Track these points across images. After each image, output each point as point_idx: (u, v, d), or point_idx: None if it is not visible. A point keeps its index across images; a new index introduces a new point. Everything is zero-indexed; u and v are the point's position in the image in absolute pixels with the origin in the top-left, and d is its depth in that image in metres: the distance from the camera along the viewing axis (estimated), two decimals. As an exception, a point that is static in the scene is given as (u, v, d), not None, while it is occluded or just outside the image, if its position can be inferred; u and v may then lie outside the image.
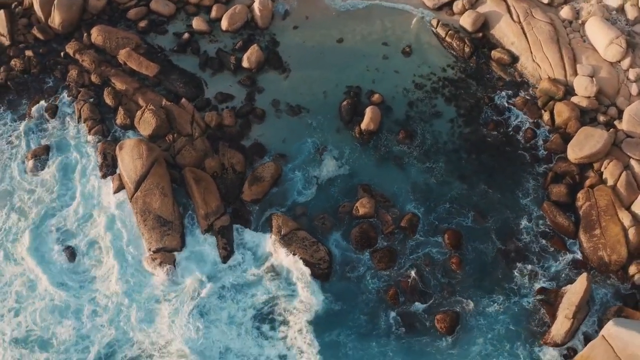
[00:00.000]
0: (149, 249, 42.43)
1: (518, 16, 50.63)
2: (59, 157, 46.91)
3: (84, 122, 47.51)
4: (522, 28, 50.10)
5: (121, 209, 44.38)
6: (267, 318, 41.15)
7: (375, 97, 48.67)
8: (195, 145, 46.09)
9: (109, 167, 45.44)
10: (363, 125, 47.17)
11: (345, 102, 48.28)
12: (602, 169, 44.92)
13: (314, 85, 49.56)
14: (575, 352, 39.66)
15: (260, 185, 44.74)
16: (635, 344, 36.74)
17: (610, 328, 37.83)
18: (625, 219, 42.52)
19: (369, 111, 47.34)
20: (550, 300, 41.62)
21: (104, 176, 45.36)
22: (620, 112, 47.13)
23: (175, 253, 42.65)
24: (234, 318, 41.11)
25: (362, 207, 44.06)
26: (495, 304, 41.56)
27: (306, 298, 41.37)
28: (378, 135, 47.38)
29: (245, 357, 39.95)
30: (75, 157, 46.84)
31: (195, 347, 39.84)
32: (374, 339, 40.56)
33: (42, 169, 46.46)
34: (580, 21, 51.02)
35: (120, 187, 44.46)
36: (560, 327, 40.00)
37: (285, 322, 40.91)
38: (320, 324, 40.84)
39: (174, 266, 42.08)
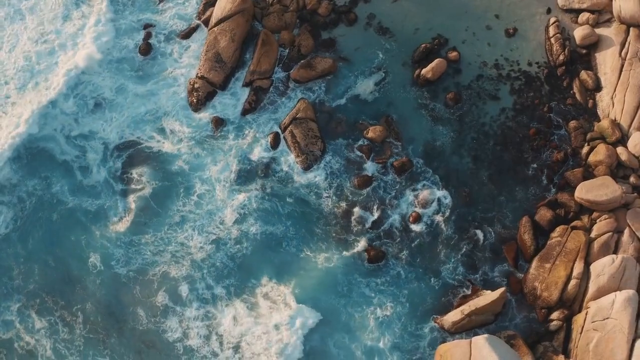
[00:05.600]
0: (197, 74, 50.12)
1: (627, 53, 49.09)
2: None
3: (215, -40, 55.18)
4: (622, 65, 48.78)
5: (199, 34, 52.16)
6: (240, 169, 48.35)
7: (453, 54, 50.76)
8: (284, 17, 52.04)
9: (211, 2, 52.83)
10: (424, 71, 50.00)
11: (424, 45, 51.06)
12: (597, 220, 44.79)
13: (412, 19, 52.35)
14: (453, 343, 42.96)
15: (309, 72, 50.12)
16: (486, 363, 39.73)
17: (480, 339, 40.37)
18: (577, 269, 42.75)
19: (436, 62, 49.92)
20: (466, 293, 44.34)
21: (204, 5, 52.76)
22: (656, 184, 46.24)
23: (213, 89, 49.73)
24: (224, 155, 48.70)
25: (373, 132, 48.38)
26: (421, 269, 45.07)
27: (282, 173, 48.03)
28: (432, 85, 49.98)
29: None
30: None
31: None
32: (312, 235, 46.22)
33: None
34: (680, 89, 48.75)
35: (208, 19, 51.84)
36: (452, 316, 43.15)
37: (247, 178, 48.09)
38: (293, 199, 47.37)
39: (204, 97, 49.49)
